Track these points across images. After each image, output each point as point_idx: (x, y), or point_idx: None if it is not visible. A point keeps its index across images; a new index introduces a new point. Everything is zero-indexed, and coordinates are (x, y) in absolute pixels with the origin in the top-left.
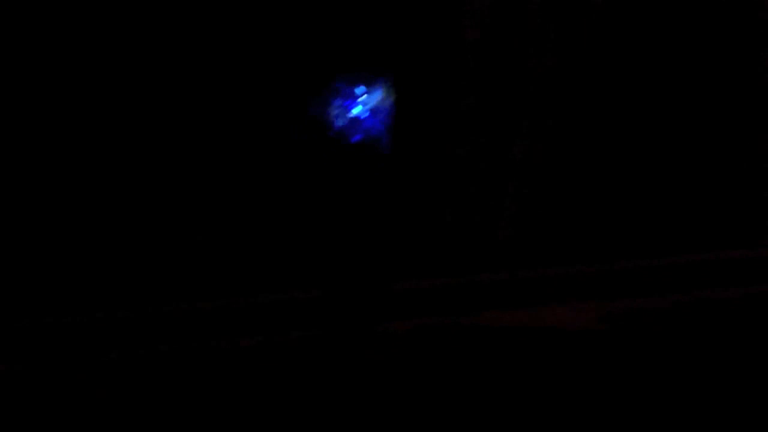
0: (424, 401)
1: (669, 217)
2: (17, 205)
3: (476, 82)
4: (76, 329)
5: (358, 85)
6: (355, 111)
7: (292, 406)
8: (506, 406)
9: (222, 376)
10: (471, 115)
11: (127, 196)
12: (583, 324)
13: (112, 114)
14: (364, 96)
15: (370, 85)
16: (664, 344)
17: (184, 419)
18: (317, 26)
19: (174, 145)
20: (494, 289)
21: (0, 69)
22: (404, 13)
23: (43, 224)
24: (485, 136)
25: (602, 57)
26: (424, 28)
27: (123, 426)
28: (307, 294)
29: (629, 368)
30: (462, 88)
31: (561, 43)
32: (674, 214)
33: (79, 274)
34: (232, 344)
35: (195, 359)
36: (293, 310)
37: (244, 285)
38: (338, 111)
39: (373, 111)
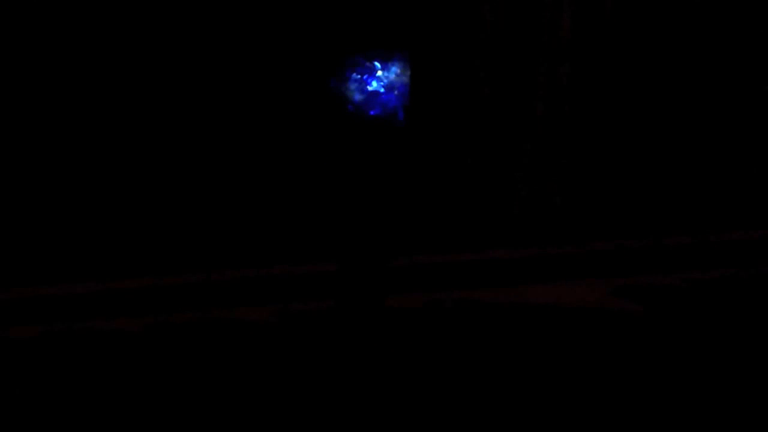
0: (433, 376)
1: (682, 197)
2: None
3: (491, 60)
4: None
5: (375, 60)
6: (373, 86)
7: (304, 377)
8: (516, 379)
9: (235, 346)
10: (485, 93)
11: (149, 167)
12: (596, 300)
13: (142, 88)
14: (382, 71)
15: (387, 60)
16: (677, 321)
17: (201, 386)
18: (337, 2)
19: (193, 115)
20: (506, 266)
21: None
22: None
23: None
24: (499, 113)
25: (615, 38)
26: (440, 5)
27: (138, 395)
28: (322, 267)
29: (646, 344)
30: (476, 66)
31: (577, 22)
32: (687, 195)
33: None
34: (245, 315)
35: (211, 329)
36: (307, 282)
37: (260, 257)
38: (356, 85)
39: (390, 86)
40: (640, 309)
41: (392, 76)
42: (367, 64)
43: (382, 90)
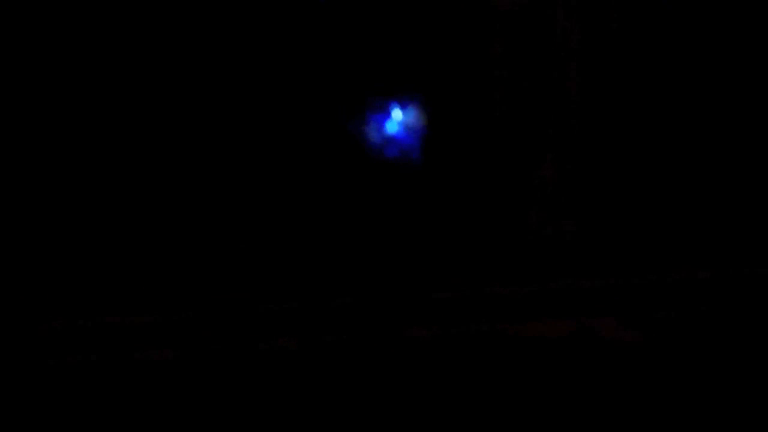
0: (450, 404)
1: (695, 231)
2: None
3: (502, 105)
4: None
5: (393, 104)
6: (391, 128)
7: (325, 406)
8: (529, 405)
9: (262, 374)
10: (497, 134)
11: (181, 209)
12: (611, 334)
13: (176, 142)
14: (399, 115)
15: (404, 104)
16: (688, 351)
17: (230, 410)
18: (356, 52)
19: (219, 159)
20: (512, 301)
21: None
22: (436, 40)
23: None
24: (511, 153)
25: (624, 70)
26: (453, 53)
27: (172, 421)
28: (342, 300)
29: (650, 373)
30: (488, 110)
31: (585, 64)
32: (701, 229)
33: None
34: (271, 345)
35: (239, 359)
36: (328, 315)
37: (282, 291)
38: (375, 128)
39: (407, 128)
40: (647, 340)
41: (409, 119)
42: (385, 107)
43: (399, 132)
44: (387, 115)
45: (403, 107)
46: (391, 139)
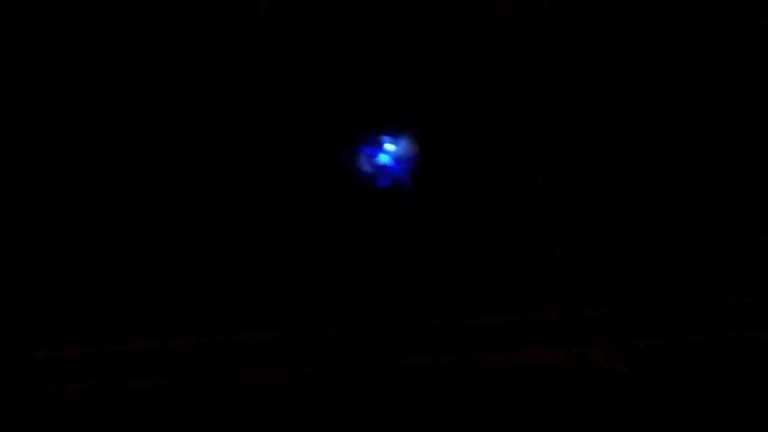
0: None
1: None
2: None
3: (496, 131)
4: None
5: (385, 135)
6: (382, 159)
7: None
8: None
9: (253, 403)
10: (486, 167)
11: (173, 240)
12: (602, 363)
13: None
14: (390, 145)
15: (396, 135)
16: (677, 381)
17: None
18: (349, 83)
19: (215, 187)
20: (510, 329)
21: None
22: (427, 72)
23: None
24: (503, 182)
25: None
26: (445, 87)
27: None
28: (334, 329)
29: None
30: (479, 141)
31: (577, 95)
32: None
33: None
34: (263, 375)
35: (229, 387)
36: (320, 345)
37: (273, 321)
38: (367, 159)
39: (398, 159)
40: (637, 370)
41: (400, 150)
42: (377, 138)
43: (390, 163)
44: (379, 145)
45: (394, 138)
46: (383, 169)
